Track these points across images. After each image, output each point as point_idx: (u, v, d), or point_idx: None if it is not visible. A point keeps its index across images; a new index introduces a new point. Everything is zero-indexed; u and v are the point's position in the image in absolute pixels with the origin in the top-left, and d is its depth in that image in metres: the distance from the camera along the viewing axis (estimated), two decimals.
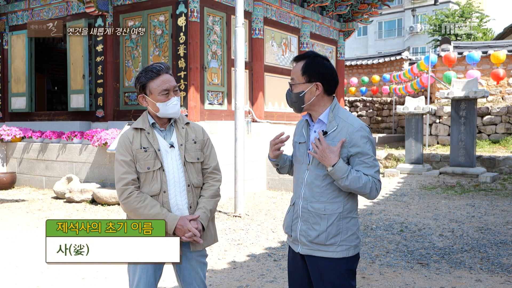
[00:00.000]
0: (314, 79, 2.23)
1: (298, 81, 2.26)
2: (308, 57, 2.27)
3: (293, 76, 2.28)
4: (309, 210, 2.25)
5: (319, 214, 2.22)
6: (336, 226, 2.22)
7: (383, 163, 11.98)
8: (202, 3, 9.19)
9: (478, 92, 10.10)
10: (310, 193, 2.25)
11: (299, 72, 2.25)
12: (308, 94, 2.25)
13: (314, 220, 2.23)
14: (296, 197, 2.33)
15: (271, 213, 7.11)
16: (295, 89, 2.27)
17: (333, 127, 2.23)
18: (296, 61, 2.30)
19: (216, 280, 4.23)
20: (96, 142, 8.54)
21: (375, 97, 20.04)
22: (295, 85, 2.27)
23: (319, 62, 2.26)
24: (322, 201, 2.23)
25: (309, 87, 2.24)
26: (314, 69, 2.24)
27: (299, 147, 2.34)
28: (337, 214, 2.22)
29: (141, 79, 2.45)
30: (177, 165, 2.47)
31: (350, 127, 2.21)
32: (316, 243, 2.23)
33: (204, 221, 2.43)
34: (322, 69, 2.25)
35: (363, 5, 13.66)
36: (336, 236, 2.21)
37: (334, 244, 2.21)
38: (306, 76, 2.24)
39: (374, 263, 4.68)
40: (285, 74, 11.73)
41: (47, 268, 4.48)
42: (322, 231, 2.21)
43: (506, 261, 4.72)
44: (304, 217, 2.26)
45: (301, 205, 2.28)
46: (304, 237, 2.26)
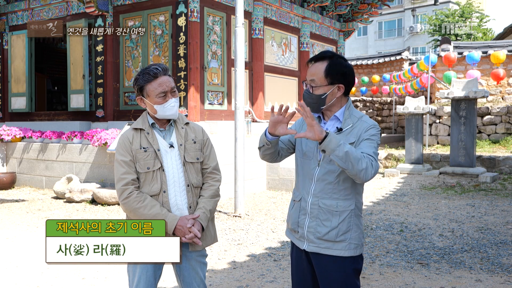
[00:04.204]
0: (337, 81, 2.22)
1: (320, 83, 2.22)
2: (329, 58, 2.24)
3: (313, 77, 2.24)
4: (320, 207, 2.23)
5: (331, 210, 2.22)
6: (347, 222, 2.22)
7: (383, 163, 11.98)
8: (202, 3, 9.19)
9: (478, 92, 10.10)
10: (321, 189, 2.23)
11: (322, 73, 2.21)
12: (330, 96, 2.23)
13: (325, 216, 2.22)
14: (304, 193, 2.29)
15: (271, 213, 7.10)
16: (317, 91, 2.23)
17: (348, 125, 2.24)
18: (314, 61, 2.27)
19: (216, 280, 4.23)
20: (96, 142, 8.54)
21: (375, 97, 20.04)
22: (316, 87, 2.23)
23: (342, 63, 2.24)
24: (334, 198, 2.22)
25: (331, 89, 2.22)
26: (337, 71, 2.22)
27: (308, 142, 2.30)
28: (349, 211, 2.23)
29: (139, 82, 2.45)
30: (177, 165, 2.47)
31: (364, 123, 2.24)
32: (325, 240, 2.22)
33: (203, 221, 2.44)
34: (345, 70, 2.24)
35: (363, 5, 13.66)
36: (346, 233, 2.22)
37: (344, 241, 2.21)
38: (329, 78, 2.21)
39: (374, 263, 4.68)
40: (285, 74, 11.74)
41: (47, 268, 4.48)
42: (333, 228, 2.21)
43: (506, 261, 4.72)
44: (313, 214, 2.25)
45: (311, 201, 2.25)
46: (312, 234, 2.24)
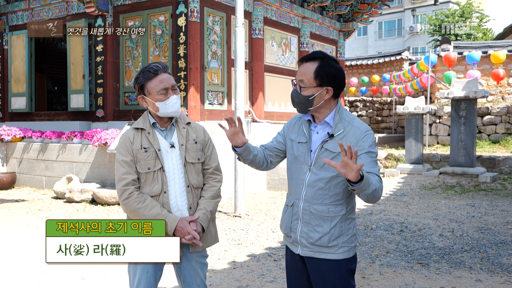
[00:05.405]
0: (326, 83, 2.18)
1: (309, 84, 2.18)
2: (320, 59, 2.19)
3: (302, 78, 2.20)
4: (311, 212, 2.21)
5: (322, 216, 2.20)
6: (339, 228, 2.21)
7: (383, 163, 11.98)
8: (202, 3, 9.19)
9: (478, 92, 10.10)
10: (312, 194, 2.21)
11: (311, 74, 2.17)
12: (317, 98, 2.19)
13: (317, 222, 2.21)
14: (296, 198, 2.28)
15: (271, 213, 7.10)
16: (304, 92, 2.19)
17: (339, 130, 2.19)
18: (305, 61, 2.23)
19: (216, 280, 4.23)
20: (96, 142, 8.54)
21: (375, 97, 20.04)
22: (305, 88, 2.19)
23: (332, 65, 2.19)
24: (325, 204, 2.20)
25: (319, 91, 2.18)
26: (327, 73, 2.17)
27: (299, 146, 2.29)
28: (340, 216, 2.21)
29: (139, 80, 2.44)
30: (177, 165, 2.46)
31: (357, 130, 2.18)
32: (318, 245, 2.21)
33: (204, 222, 2.43)
34: (336, 73, 2.19)
35: (363, 5, 13.66)
36: (339, 238, 2.21)
37: (336, 246, 2.20)
38: (318, 80, 2.17)
39: (374, 263, 4.68)
40: (285, 74, 11.73)
41: (47, 268, 4.48)
42: (325, 233, 2.19)
43: (506, 261, 4.72)
44: (305, 219, 2.23)
45: (302, 207, 2.24)
46: (305, 239, 2.23)
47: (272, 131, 10.22)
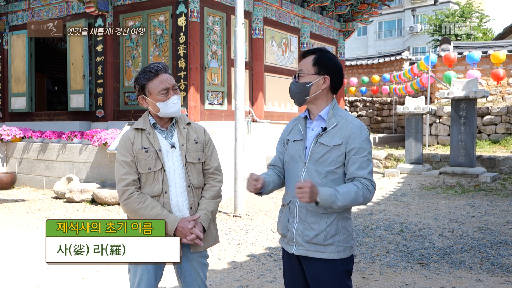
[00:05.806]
0: (323, 72, 2.24)
1: (307, 71, 2.25)
2: (320, 51, 2.29)
3: (301, 68, 2.28)
4: (308, 209, 2.22)
5: (319, 213, 2.20)
6: (336, 225, 2.21)
7: (383, 163, 11.98)
8: (202, 3, 9.19)
9: (478, 92, 10.10)
10: None
11: (310, 63, 2.25)
12: (314, 86, 2.25)
13: (313, 219, 2.21)
14: (292, 196, 2.28)
15: (271, 213, 7.11)
16: (302, 79, 2.26)
17: (332, 123, 2.22)
18: (305, 55, 2.30)
19: (216, 280, 4.23)
20: (96, 142, 8.54)
21: (375, 97, 20.04)
22: (303, 75, 2.26)
23: (331, 57, 2.28)
24: None
25: (317, 79, 2.24)
26: (326, 62, 2.25)
27: (294, 145, 2.31)
28: (336, 214, 2.21)
29: (140, 80, 2.44)
30: (178, 165, 2.46)
31: (350, 124, 2.22)
32: (313, 243, 2.20)
33: (204, 222, 2.43)
34: (333, 65, 2.27)
35: (363, 5, 13.66)
36: (335, 236, 2.20)
37: (332, 245, 2.20)
38: (316, 68, 2.24)
39: (374, 263, 4.68)
40: (285, 74, 11.74)
41: (47, 268, 4.48)
42: (321, 231, 2.19)
43: (506, 261, 4.72)
44: (301, 217, 2.24)
45: (299, 204, 2.24)
46: (300, 237, 2.23)
47: (272, 131, 10.23)
